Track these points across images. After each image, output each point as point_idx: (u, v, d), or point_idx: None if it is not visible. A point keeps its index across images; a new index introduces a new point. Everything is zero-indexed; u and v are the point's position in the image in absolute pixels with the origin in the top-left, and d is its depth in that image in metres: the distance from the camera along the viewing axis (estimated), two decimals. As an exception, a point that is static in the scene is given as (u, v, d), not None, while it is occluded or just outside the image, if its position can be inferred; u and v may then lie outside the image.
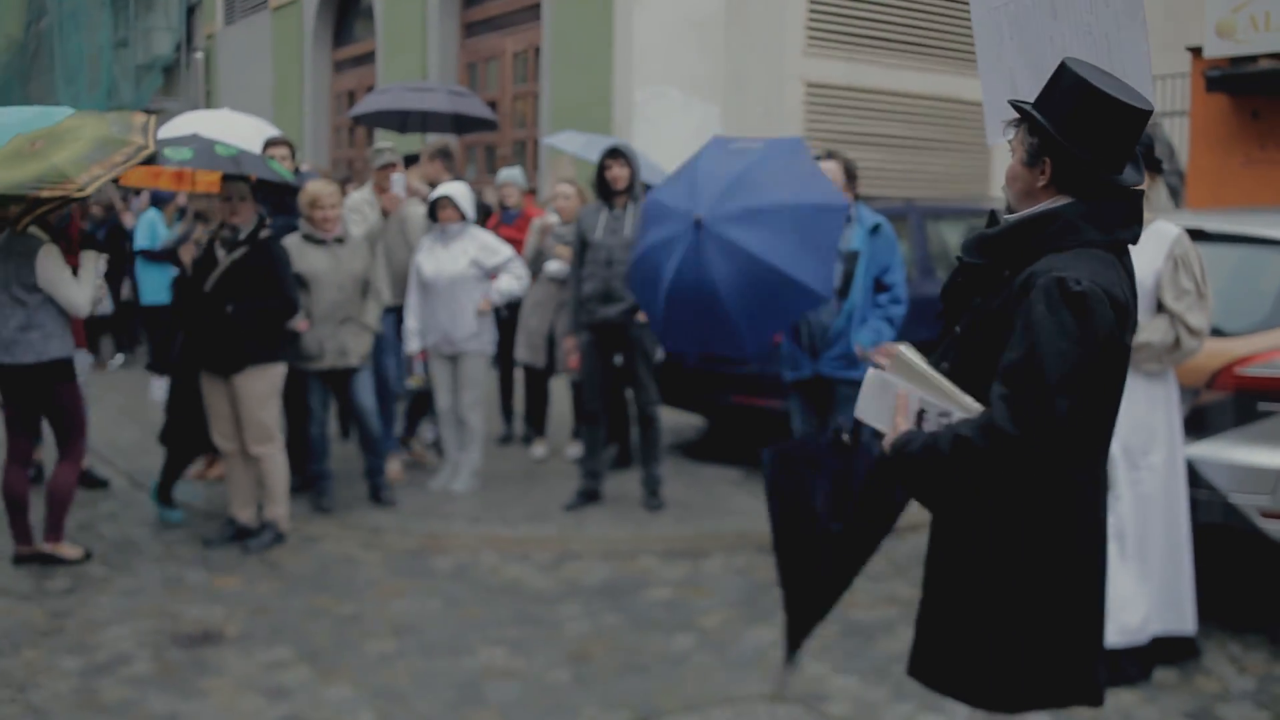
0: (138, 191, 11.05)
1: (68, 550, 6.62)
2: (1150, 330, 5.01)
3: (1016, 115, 3.01)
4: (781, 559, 3.52)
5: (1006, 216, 3.00)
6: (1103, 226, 2.87)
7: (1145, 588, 5.08)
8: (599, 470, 7.83)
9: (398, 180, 8.02)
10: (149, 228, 11.52)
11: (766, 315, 6.10)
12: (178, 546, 6.96)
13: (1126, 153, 2.89)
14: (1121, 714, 4.79)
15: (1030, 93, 5.01)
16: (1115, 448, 5.07)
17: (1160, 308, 5.08)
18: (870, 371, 3.06)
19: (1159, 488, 5.13)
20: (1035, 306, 2.75)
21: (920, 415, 2.92)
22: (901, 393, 2.96)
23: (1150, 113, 2.89)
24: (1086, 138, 2.85)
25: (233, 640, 5.58)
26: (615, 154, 7.61)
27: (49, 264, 6.39)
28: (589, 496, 7.76)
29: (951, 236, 9.61)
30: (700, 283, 6.06)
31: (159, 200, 11.71)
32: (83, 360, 7.54)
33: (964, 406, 2.87)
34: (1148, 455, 5.12)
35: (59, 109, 7.04)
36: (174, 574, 6.49)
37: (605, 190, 7.62)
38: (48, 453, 7.74)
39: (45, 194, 5.99)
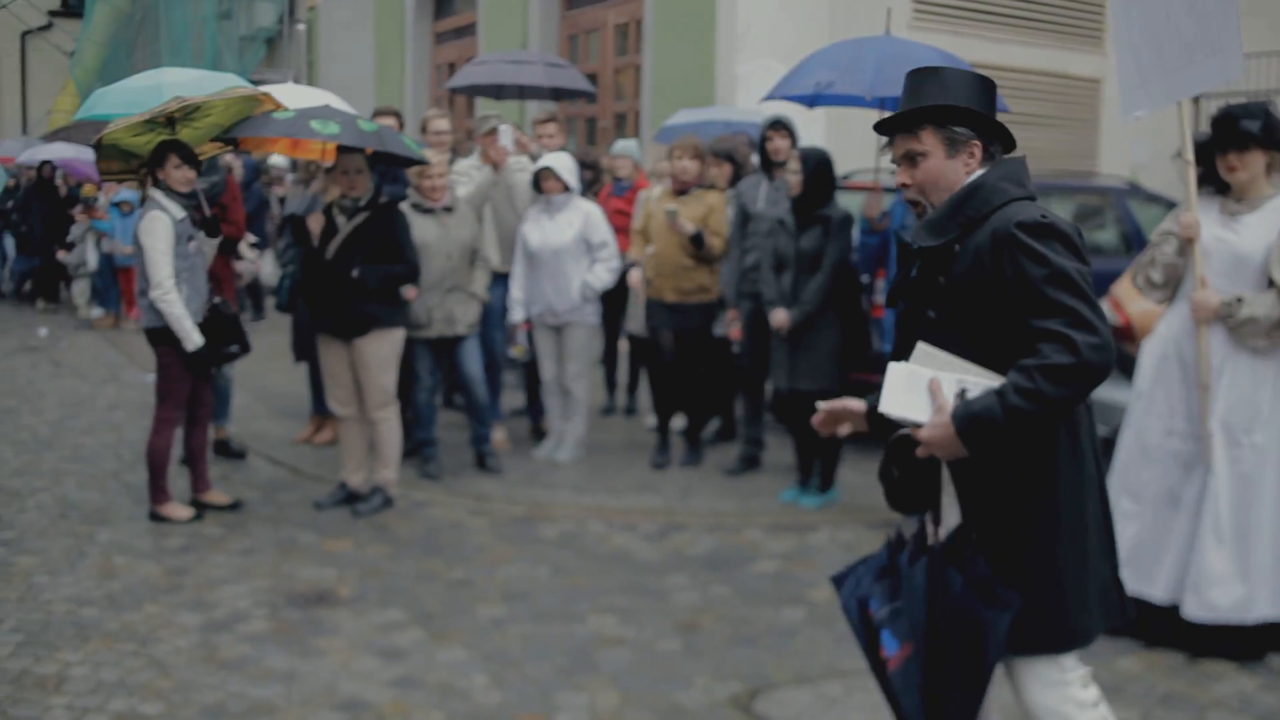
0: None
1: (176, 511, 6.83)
2: (1257, 305, 4.90)
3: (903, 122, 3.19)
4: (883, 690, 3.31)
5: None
6: (1018, 184, 3.11)
7: (1242, 569, 4.97)
8: (760, 436, 7.93)
9: (505, 132, 8.01)
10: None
11: None
12: (289, 509, 7.08)
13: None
14: (1241, 699, 4.72)
15: (1153, 69, 5.03)
16: (1213, 424, 5.00)
17: (1270, 283, 4.97)
18: (891, 365, 3.08)
19: (1263, 467, 5.00)
20: (1029, 249, 2.94)
21: (962, 395, 2.98)
22: (934, 379, 3.00)
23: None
24: (992, 115, 3.18)
25: (346, 601, 5.66)
26: (777, 125, 7.70)
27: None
28: (750, 462, 7.89)
29: (1062, 213, 9.44)
30: None
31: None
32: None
33: (998, 379, 2.98)
34: (1250, 434, 5.00)
35: (225, 75, 7.26)
36: (286, 536, 6.61)
37: (766, 162, 7.75)
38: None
39: None
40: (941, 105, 3.11)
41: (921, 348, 3.07)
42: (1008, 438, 2.95)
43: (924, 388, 3.02)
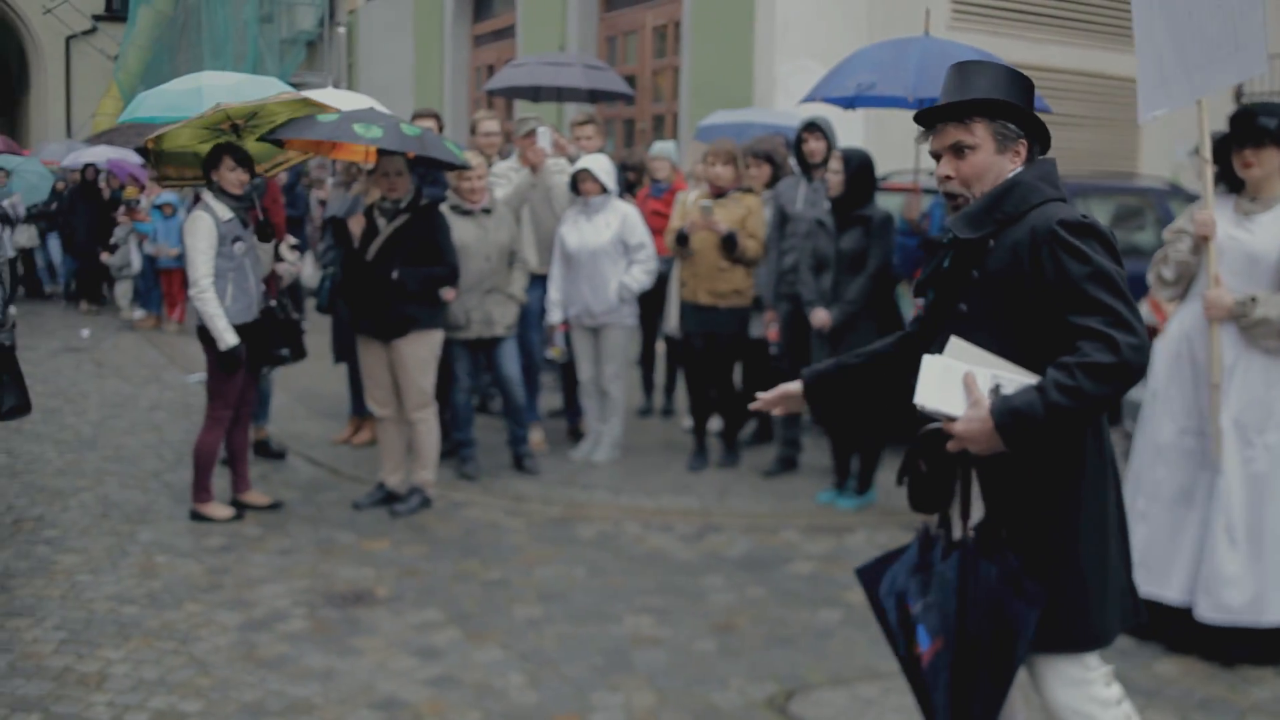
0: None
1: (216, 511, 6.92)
2: (1270, 306, 4.88)
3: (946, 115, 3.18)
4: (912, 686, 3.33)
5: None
6: (1053, 185, 3.14)
7: (1256, 570, 4.94)
8: (798, 438, 7.93)
9: (543, 134, 8.04)
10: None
11: None
12: (328, 509, 7.13)
13: None
14: (1282, 703, 4.69)
15: (1174, 67, 5.03)
16: (1225, 422, 4.97)
17: None
18: (926, 358, 3.08)
19: (1276, 467, 4.96)
20: (1071, 246, 2.96)
21: (996, 390, 2.98)
22: (968, 373, 3.00)
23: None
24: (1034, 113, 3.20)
25: (384, 601, 5.70)
26: (811, 127, 7.69)
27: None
28: (787, 464, 7.89)
29: (1101, 214, 9.41)
30: None
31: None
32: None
33: (1029, 375, 2.99)
34: (1264, 434, 4.96)
35: (265, 79, 7.36)
36: (325, 536, 6.66)
37: (804, 163, 7.73)
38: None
39: None
40: (998, 100, 3.12)
41: (954, 341, 3.07)
42: (1046, 434, 2.95)
43: (958, 381, 3.01)
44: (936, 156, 3.22)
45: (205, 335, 6.72)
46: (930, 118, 3.21)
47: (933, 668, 3.09)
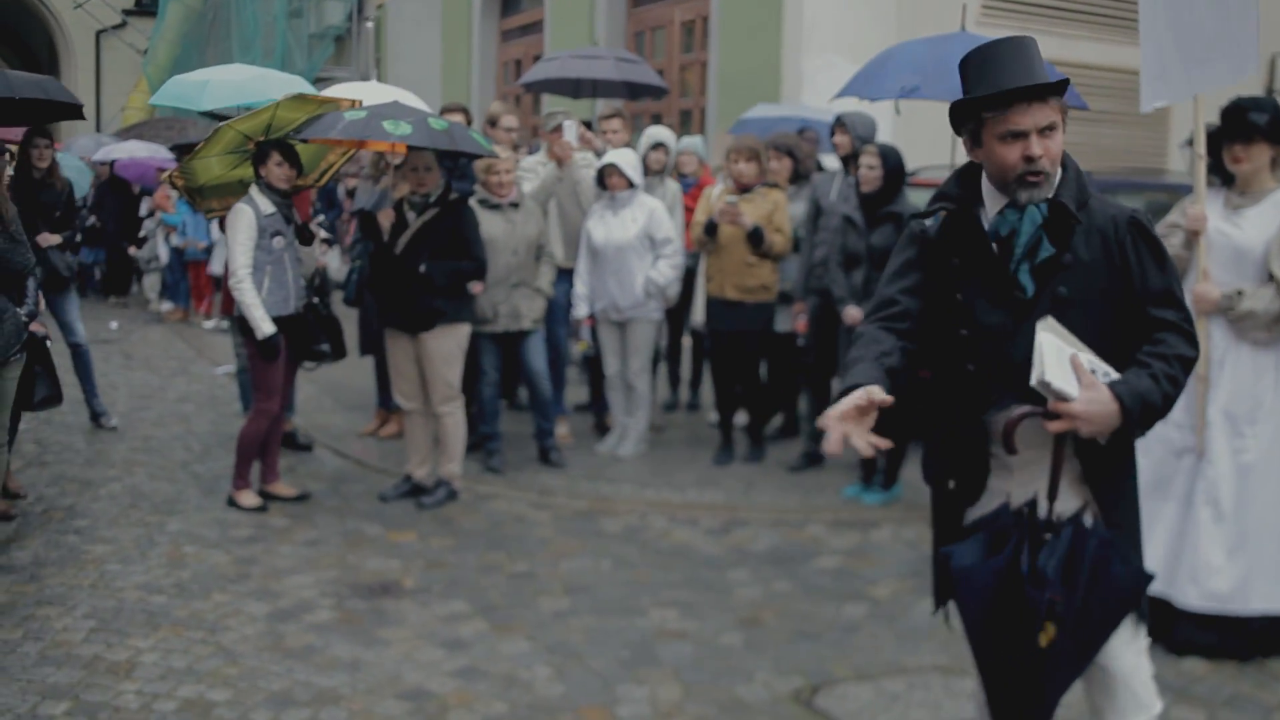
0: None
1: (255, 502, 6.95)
2: (1256, 299, 4.89)
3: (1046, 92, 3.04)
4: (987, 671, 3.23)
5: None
6: None
7: (1241, 558, 4.94)
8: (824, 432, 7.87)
9: (569, 127, 8.04)
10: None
11: None
12: (355, 501, 7.16)
13: None
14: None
15: (1173, 61, 5.04)
16: (1214, 413, 4.98)
17: (1270, 277, 4.93)
18: (1040, 335, 2.99)
19: (1267, 458, 4.96)
20: (1154, 242, 3.06)
21: (1093, 374, 2.98)
22: (1075, 356, 2.99)
23: None
24: None
25: (410, 592, 5.72)
26: (838, 122, 7.72)
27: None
28: (813, 458, 7.87)
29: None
30: None
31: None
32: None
33: (1101, 362, 3.02)
34: (1254, 424, 4.96)
35: (276, 75, 7.40)
36: (352, 527, 6.68)
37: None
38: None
39: None
40: (1044, 84, 2.98)
41: (1050, 322, 3.01)
42: (1156, 420, 3.03)
43: (1067, 362, 2.96)
44: (1017, 135, 3.00)
45: (245, 326, 6.78)
46: (1039, 93, 2.98)
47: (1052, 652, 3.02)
